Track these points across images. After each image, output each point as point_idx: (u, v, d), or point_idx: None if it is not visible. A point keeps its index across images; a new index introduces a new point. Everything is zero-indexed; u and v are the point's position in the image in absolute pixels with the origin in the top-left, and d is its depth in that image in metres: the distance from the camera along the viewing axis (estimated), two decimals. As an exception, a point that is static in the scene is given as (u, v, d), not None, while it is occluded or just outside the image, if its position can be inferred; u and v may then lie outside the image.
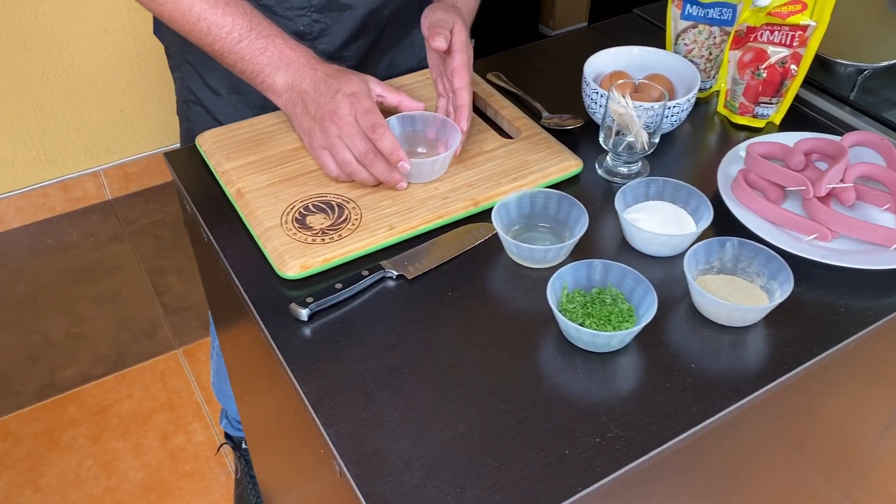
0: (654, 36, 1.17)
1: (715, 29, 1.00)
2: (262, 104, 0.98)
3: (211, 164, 0.90)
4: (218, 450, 1.68)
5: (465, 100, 0.87)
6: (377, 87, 0.87)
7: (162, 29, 1.04)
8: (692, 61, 1.01)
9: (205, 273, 1.02)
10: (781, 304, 0.74)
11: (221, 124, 0.96)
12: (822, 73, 1.05)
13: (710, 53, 1.02)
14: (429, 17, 0.90)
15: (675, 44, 1.03)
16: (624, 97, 0.86)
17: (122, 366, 1.87)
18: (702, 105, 1.04)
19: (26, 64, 2.02)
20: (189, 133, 1.07)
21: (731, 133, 0.99)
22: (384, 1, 1.00)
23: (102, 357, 1.89)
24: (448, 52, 0.88)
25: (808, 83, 1.04)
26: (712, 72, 1.03)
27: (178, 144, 1.06)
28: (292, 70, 0.84)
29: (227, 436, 1.60)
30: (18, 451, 1.69)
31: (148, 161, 2.34)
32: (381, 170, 0.82)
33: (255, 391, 0.99)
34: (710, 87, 1.04)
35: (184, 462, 1.68)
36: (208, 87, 1.00)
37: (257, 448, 1.24)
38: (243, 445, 1.57)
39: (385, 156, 0.82)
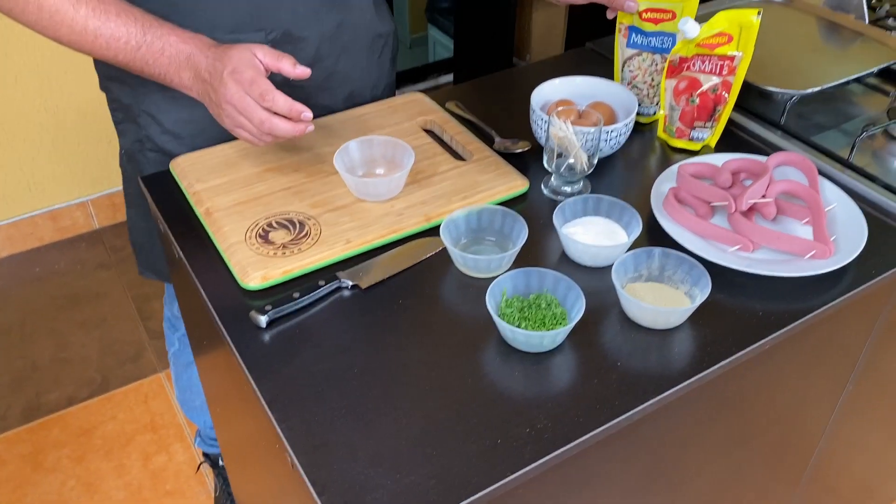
0: (604, 67, 1.26)
1: (657, 56, 1.08)
2: (220, 138, 1.04)
3: (183, 185, 0.97)
4: (198, 468, 1.72)
5: None
6: (259, 53, 0.89)
7: (110, 85, 1.09)
8: (637, 87, 1.09)
9: (179, 289, 1.08)
10: (704, 308, 0.81)
11: None
12: (756, 100, 1.13)
13: (653, 80, 1.09)
14: None
15: (622, 71, 1.11)
16: (564, 122, 0.93)
17: (106, 389, 1.92)
18: (645, 131, 1.11)
19: (17, 97, 2.10)
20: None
21: (670, 155, 1.07)
22: (336, 31, 1.06)
23: (87, 380, 1.94)
24: None
25: (742, 109, 1.12)
26: (655, 98, 1.11)
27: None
28: (191, 63, 0.89)
29: (204, 454, 1.65)
30: (3, 472, 1.73)
31: (135, 191, 2.41)
32: (285, 128, 0.87)
33: (224, 399, 1.05)
34: (655, 113, 1.12)
35: (164, 481, 1.72)
36: (168, 132, 1.05)
37: (231, 458, 1.28)
38: (220, 462, 1.61)
39: (285, 114, 0.86)
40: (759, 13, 0.96)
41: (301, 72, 0.88)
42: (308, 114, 0.86)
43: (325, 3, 1.03)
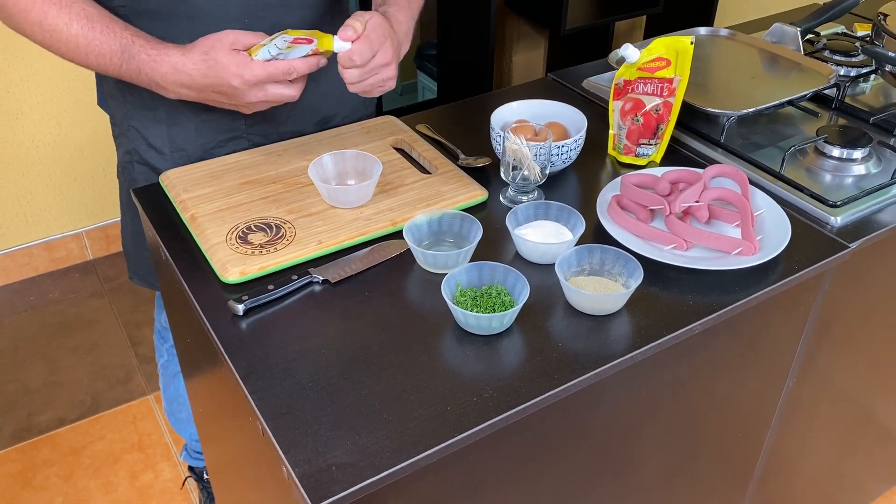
0: (562, 93, 1.36)
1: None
2: (200, 157, 1.14)
3: (171, 195, 1.06)
4: (183, 483, 1.78)
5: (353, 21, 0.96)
6: (231, 37, 0.96)
7: (108, 101, 1.19)
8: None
9: (165, 291, 1.17)
10: (640, 299, 0.90)
11: None
12: (699, 120, 1.23)
13: None
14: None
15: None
16: (518, 137, 1.03)
17: (96, 410, 1.98)
18: (596, 148, 1.21)
19: (18, 132, 2.20)
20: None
21: (618, 170, 1.16)
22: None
23: (78, 403, 2.00)
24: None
25: (686, 128, 1.22)
26: None
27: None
28: (172, 80, 0.98)
29: (190, 468, 1.70)
30: (-7, 489, 1.78)
31: (128, 223, 2.50)
32: (286, 93, 0.98)
33: (206, 394, 1.12)
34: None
35: (150, 498, 1.77)
36: (152, 148, 1.15)
37: (215, 468, 1.35)
38: (205, 476, 1.67)
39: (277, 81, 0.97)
40: (692, 40, 1.07)
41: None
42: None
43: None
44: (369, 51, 0.97)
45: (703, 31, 1.45)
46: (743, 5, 3.54)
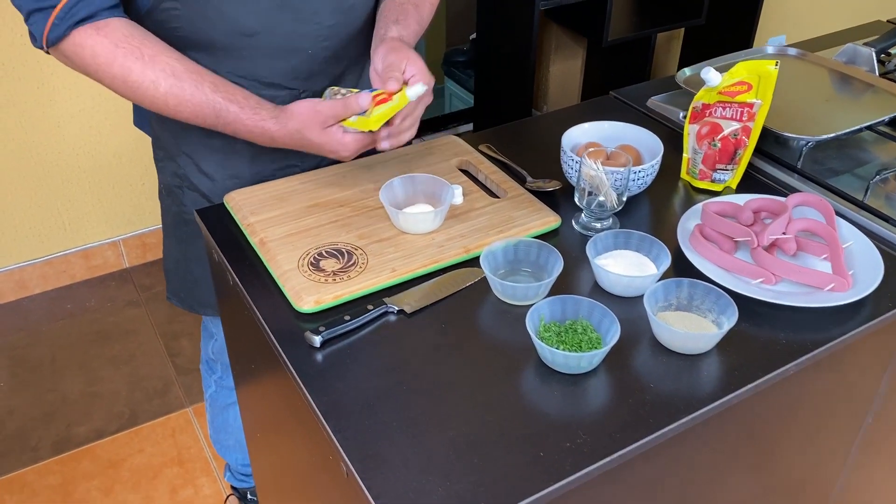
0: (627, 113, 1.33)
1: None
2: (251, 182, 1.12)
3: (237, 218, 1.04)
4: (225, 501, 1.75)
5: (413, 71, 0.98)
6: (326, 116, 0.98)
7: (152, 123, 1.16)
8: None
9: (227, 316, 1.14)
10: (731, 336, 0.86)
11: (214, 203, 1.10)
12: (774, 145, 1.19)
13: None
14: (379, 64, 1.01)
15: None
16: (595, 163, 0.99)
17: (134, 423, 1.96)
18: (669, 172, 1.18)
19: (59, 141, 2.19)
20: (182, 215, 1.18)
21: (693, 195, 1.13)
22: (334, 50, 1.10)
23: (116, 414, 1.99)
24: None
25: (761, 153, 1.18)
26: None
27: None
28: (266, 144, 1.01)
29: (233, 488, 1.68)
30: (34, 503, 1.76)
31: (165, 231, 2.49)
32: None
33: (270, 422, 1.10)
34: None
35: (191, 514, 1.75)
36: (204, 174, 1.13)
37: (267, 489, 1.32)
38: (249, 496, 1.65)
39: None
40: (776, 64, 1.03)
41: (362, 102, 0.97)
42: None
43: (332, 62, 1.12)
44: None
45: (770, 49, 1.41)
46: (784, 18, 3.49)
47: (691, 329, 0.87)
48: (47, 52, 0.96)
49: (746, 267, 0.94)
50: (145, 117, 1.17)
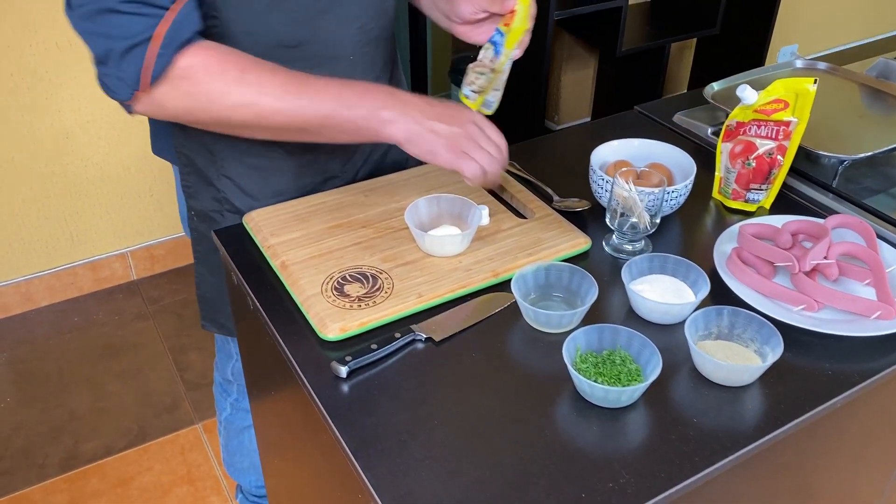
0: (651, 129, 1.30)
1: (490, 51, 1.06)
2: (296, 197, 1.08)
3: (257, 239, 1.00)
4: (236, 522, 1.72)
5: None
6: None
7: (181, 151, 1.09)
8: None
9: (245, 340, 1.11)
10: (774, 367, 0.82)
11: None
12: (808, 164, 1.16)
13: (479, 67, 1.08)
14: (468, 6, 1.03)
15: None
16: (627, 183, 0.96)
17: (143, 439, 1.93)
18: (699, 191, 1.14)
19: (68, 152, 2.16)
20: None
21: (725, 216, 1.09)
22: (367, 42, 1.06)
23: (124, 431, 1.95)
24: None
25: (795, 172, 1.15)
26: (474, 86, 1.10)
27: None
28: (398, 113, 0.93)
29: (245, 508, 1.64)
30: (40, 522, 1.73)
31: (174, 243, 2.45)
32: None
33: (289, 451, 1.06)
34: (466, 96, 1.10)
35: (201, 535, 1.71)
36: (247, 195, 1.08)
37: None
38: (262, 517, 1.61)
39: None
40: (815, 82, 1.00)
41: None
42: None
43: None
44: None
45: (799, 63, 1.37)
46: (795, 27, 3.46)
47: (733, 359, 0.83)
48: (130, 110, 0.89)
49: (787, 293, 0.90)
50: (167, 145, 1.12)
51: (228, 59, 0.88)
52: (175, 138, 1.08)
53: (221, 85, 0.87)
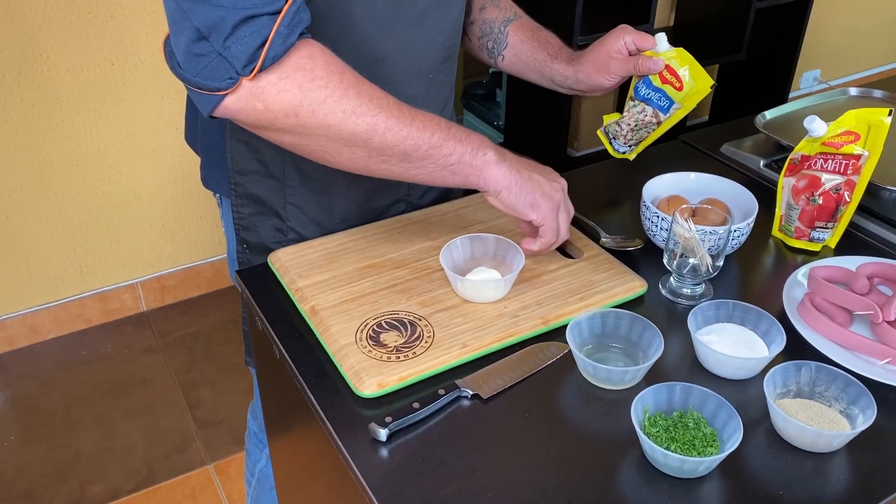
0: (697, 160, 1.22)
1: (648, 108, 1.04)
2: (364, 222, 1.03)
3: (284, 281, 0.92)
4: (250, 573, 1.62)
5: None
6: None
7: (244, 182, 1.00)
8: (619, 125, 1.08)
9: (268, 389, 1.02)
10: (861, 430, 0.74)
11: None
12: (873, 199, 1.07)
13: (635, 125, 1.07)
14: (620, 48, 1.04)
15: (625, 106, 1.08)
16: (688, 222, 0.88)
17: (152, 481, 1.84)
18: (755, 228, 1.06)
19: (77, 181, 2.10)
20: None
21: (788, 256, 1.01)
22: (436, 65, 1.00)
23: (133, 472, 1.86)
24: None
25: (860, 208, 1.07)
26: (631, 142, 1.09)
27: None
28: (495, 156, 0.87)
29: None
30: (43, 571, 1.64)
31: (185, 273, 2.38)
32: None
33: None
34: (623, 153, 1.11)
35: (213, 586, 1.62)
36: (314, 223, 1.01)
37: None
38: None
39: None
40: (890, 113, 0.92)
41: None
42: None
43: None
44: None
45: (853, 91, 1.30)
46: (819, 53, 3.40)
47: (817, 421, 0.74)
48: (215, 105, 0.76)
49: (870, 345, 0.82)
50: (221, 177, 1.03)
51: (344, 62, 0.78)
52: (231, 170, 1.00)
53: (339, 87, 0.76)
